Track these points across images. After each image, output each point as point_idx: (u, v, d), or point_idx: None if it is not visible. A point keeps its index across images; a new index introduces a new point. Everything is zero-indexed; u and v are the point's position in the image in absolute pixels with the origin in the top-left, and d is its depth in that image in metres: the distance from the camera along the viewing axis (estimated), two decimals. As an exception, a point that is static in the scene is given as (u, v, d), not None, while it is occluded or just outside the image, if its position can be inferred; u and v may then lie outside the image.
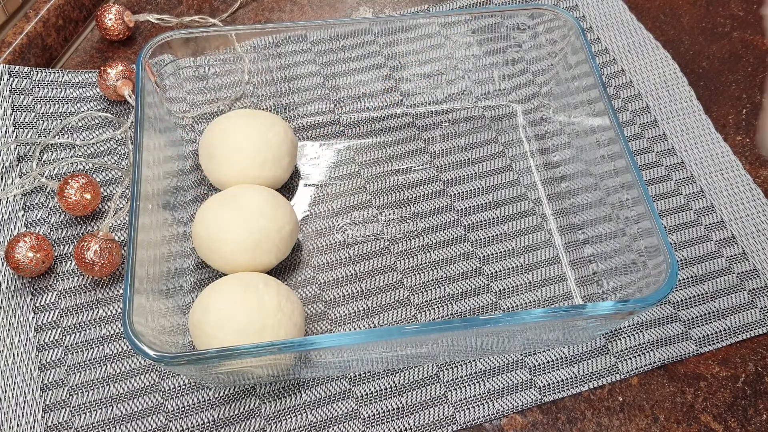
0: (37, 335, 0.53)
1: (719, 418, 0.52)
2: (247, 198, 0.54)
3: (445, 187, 0.61)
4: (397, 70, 0.66)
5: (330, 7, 0.73)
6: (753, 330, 0.55)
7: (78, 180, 0.56)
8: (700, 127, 0.65)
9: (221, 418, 0.51)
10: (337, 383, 0.52)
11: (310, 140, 0.63)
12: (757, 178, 0.63)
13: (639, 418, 0.52)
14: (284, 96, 0.65)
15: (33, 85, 0.64)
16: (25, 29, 0.66)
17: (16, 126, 0.62)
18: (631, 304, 0.45)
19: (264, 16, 0.72)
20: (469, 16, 0.63)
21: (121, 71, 0.62)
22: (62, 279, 0.56)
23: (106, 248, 0.53)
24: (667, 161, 0.63)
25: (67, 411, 0.51)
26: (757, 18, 0.72)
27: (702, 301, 0.56)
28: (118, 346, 0.53)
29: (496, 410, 0.51)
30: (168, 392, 0.51)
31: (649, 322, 0.55)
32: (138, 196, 0.48)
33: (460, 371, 0.53)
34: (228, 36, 0.59)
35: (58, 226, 0.58)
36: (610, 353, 0.54)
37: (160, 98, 0.58)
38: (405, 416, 0.51)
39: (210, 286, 0.51)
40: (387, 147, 0.63)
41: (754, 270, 0.58)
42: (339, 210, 0.60)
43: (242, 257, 0.53)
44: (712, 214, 0.60)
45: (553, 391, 0.52)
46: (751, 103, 0.67)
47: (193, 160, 0.61)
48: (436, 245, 0.58)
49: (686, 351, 0.54)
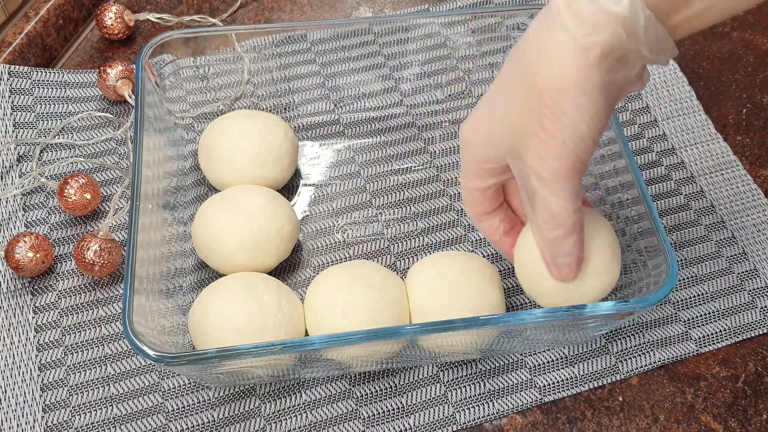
0: (37, 335, 0.53)
1: (719, 418, 0.52)
2: (247, 198, 0.54)
3: (445, 187, 0.61)
4: (397, 70, 0.66)
5: (330, 7, 0.73)
6: (753, 330, 0.55)
7: (78, 180, 0.56)
8: (700, 127, 0.65)
9: (221, 418, 0.51)
10: (337, 383, 0.52)
11: (310, 140, 0.63)
12: (757, 178, 0.63)
13: (639, 418, 0.52)
14: (284, 96, 0.65)
15: (33, 85, 0.64)
16: (25, 29, 0.66)
17: (16, 126, 0.62)
18: (631, 304, 0.45)
19: (264, 16, 0.72)
20: (469, 16, 0.63)
21: (121, 71, 0.62)
22: (62, 279, 0.56)
23: (106, 248, 0.53)
24: (667, 161, 0.63)
25: (67, 411, 0.51)
26: (757, 18, 0.72)
27: (702, 301, 0.56)
28: (118, 346, 0.53)
29: (496, 410, 0.51)
30: (168, 392, 0.51)
31: (649, 322, 0.55)
32: (138, 196, 0.48)
33: (460, 371, 0.53)
34: (228, 36, 0.59)
35: (58, 226, 0.58)
36: (610, 353, 0.54)
37: (160, 98, 0.58)
38: (405, 416, 0.51)
39: (210, 286, 0.51)
40: (387, 147, 0.63)
41: (754, 270, 0.58)
42: (339, 210, 0.60)
43: (242, 257, 0.53)
44: (712, 214, 0.60)
45: (553, 391, 0.52)
46: (751, 103, 0.67)
47: (193, 160, 0.61)
48: (436, 245, 0.58)
49: (686, 351, 0.54)
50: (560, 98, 0.38)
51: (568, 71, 0.37)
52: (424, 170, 0.62)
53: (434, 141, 0.63)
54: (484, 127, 0.43)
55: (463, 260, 0.51)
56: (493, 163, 0.44)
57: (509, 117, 0.41)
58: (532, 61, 0.38)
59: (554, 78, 0.38)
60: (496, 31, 0.63)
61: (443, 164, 0.62)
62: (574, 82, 0.37)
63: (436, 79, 0.66)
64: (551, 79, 0.38)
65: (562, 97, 0.38)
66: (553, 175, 0.40)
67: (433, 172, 0.62)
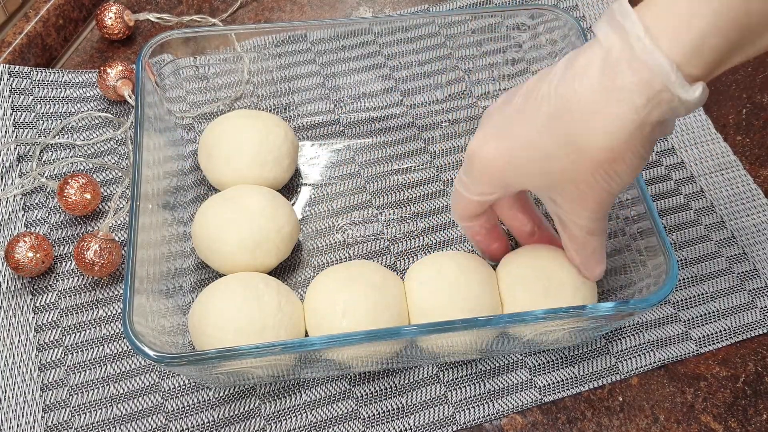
0: (37, 335, 0.53)
1: (719, 418, 0.52)
2: (247, 198, 0.54)
3: (445, 187, 0.61)
4: (397, 70, 0.66)
5: (330, 7, 0.73)
6: (753, 330, 0.55)
7: (78, 180, 0.56)
8: (700, 127, 0.65)
9: (221, 418, 0.51)
10: (337, 383, 0.52)
11: (310, 140, 0.63)
12: (757, 178, 0.63)
13: (639, 418, 0.52)
14: (284, 96, 0.65)
15: (33, 85, 0.64)
16: (25, 29, 0.66)
17: (16, 126, 0.62)
18: (631, 304, 0.45)
19: (264, 16, 0.72)
20: (469, 16, 0.63)
21: (121, 71, 0.62)
22: (62, 279, 0.56)
23: (106, 248, 0.53)
24: (667, 161, 0.63)
25: (67, 411, 0.51)
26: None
27: (702, 301, 0.56)
28: (118, 346, 0.53)
29: (496, 410, 0.51)
30: (168, 392, 0.51)
31: (649, 322, 0.55)
32: (138, 196, 0.48)
33: (460, 371, 0.53)
34: (228, 36, 0.59)
35: (58, 226, 0.58)
36: (610, 353, 0.54)
37: (160, 98, 0.58)
38: (405, 416, 0.51)
39: (210, 286, 0.51)
40: (387, 147, 0.63)
41: (754, 270, 0.58)
42: (339, 210, 0.60)
43: (242, 258, 0.53)
44: (712, 214, 0.60)
45: (553, 391, 0.52)
46: (751, 103, 0.67)
47: (193, 160, 0.61)
48: (436, 245, 0.58)
49: (686, 351, 0.54)
50: (614, 165, 0.39)
51: (622, 142, 0.38)
52: (424, 170, 0.62)
53: (434, 141, 0.63)
54: (509, 160, 0.43)
55: (462, 260, 0.51)
56: (511, 188, 0.45)
57: (547, 168, 0.41)
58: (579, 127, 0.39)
59: (607, 149, 0.38)
60: (496, 31, 0.63)
61: (443, 164, 0.62)
62: (630, 150, 0.39)
63: (436, 79, 0.66)
64: (604, 150, 0.39)
65: (616, 164, 0.39)
66: (594, 212, 0.43)
67: (433, 172, 0.62)
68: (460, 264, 0.51)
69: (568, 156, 0.40)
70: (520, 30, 0.62)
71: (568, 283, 0.49)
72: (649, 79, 0.36)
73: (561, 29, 0.59)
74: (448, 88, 0.66)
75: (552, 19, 0.59)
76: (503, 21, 0.62)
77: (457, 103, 0.65)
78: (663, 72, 0.36)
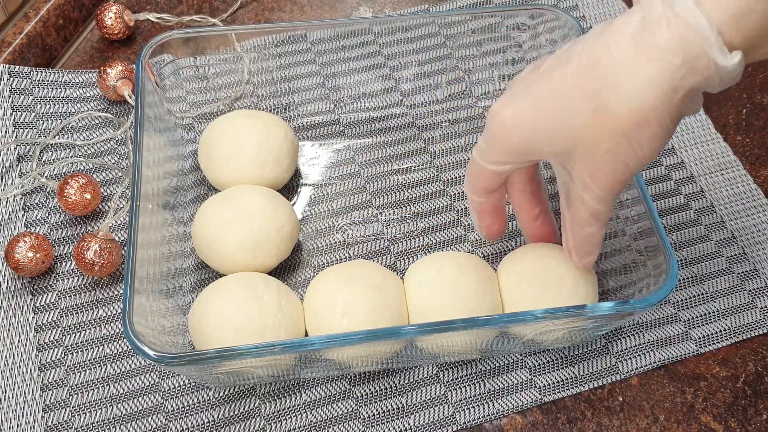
0: (37, 335, 0.53)
1: (719, 418, 0.52)
2: (247, 198, 0.54)
3: (445, 187, 0.61)
4: (397, 70, 0.66)
5: (330, 7, 0.73)
6: (753, 330, 0.55)
7: (78, 180, 0.56)
8: (700, 127, 0.65)
9: (221, 418, 0.51)
10: (337, 383, 0.52)
11: (310, 140, 0.63)
12: (757, 178, 0.63)
13: (639, 418, 0.52)
14: (284, 96, 0.65)
15: (33, 85, 0.64)
16: (25, 29, 0.66)
17: (16, 126, 0.62)
18: (631, 304, 0.45)
19: (264, 16, 0.72)
20: (469, 16, 0.63)
21: (121, 71, 0.62)
22: (62, 279, 0.56)
23: (106, 248, 0.53)
24: (667, 161, 0.63)
25: (67, 411, 0.51)
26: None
27: (702, 301, 0.56)
28: (118, 346, 0.53)
29: (496, 410, 0.51)
30: (168, 392, 0.51)
31: (649, 322, 0.55)
32: (138, 196, 0.48)
33: (460, 371, 0.53)
34: (228, 36, 0.59)
35: (58, 226, 0.58)
36: (610, 353, 0.54)
37: (160, 98, 0.58)
38: (405, 416, 0.51)
39: (210, 286, 0.51)
40: (387, 147, 0.63)
41: (754, 270, 0.58)
42: (339, 210, 0.60)
43: (242, 258, 0.53)
44: (712, 214, 0.60)
45: (553, 391, 0.52)
46: (751, 103, 0.67)
47: (193, 160, 0.61)
48: (436, 245, 0.58)
49: (686, 351, 0.54)
50: (638, 130, 0.38)
51: (651, 105, 0.37)
52: (424, 170, 0.62)
53: (434, 141, 0.63)
54: (529, 121, 0.42)
55: (462, 260, 0.51)
56: (527, 156, 0.44)
57: (569, 125, 0.40)
58: (609, 82, 0.38)
59: (635, 110, 0.37)
60: (496, 31, 0.63)
61: (443, 164, 0.62)
62: (657, 117, 0.38)
63: (436, 79, 0.66)
64: (632, 111, 0.38)
65: (641, 130, 0.38)
66: (605, 190, 0.42)
67: (433, 172, 0.62)
68: (460, 264, 0.51)
69: (594, 112, 0.39)
70: (520, 30, 0.62)
71: (569, 282, 0.49)
72: (688, 39, 0.35)
73: (561, 29, 0.59)
74: (448, 88, 0.66)
75: (552, 19, 0.59)
76: (503, 21, 0.62)
77: (457, 103, 0.65)
78: (702, 32, 0.35)
